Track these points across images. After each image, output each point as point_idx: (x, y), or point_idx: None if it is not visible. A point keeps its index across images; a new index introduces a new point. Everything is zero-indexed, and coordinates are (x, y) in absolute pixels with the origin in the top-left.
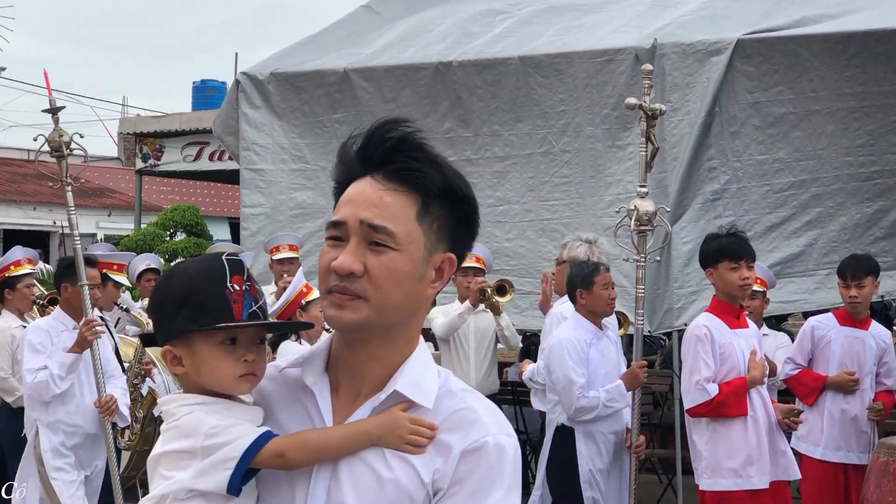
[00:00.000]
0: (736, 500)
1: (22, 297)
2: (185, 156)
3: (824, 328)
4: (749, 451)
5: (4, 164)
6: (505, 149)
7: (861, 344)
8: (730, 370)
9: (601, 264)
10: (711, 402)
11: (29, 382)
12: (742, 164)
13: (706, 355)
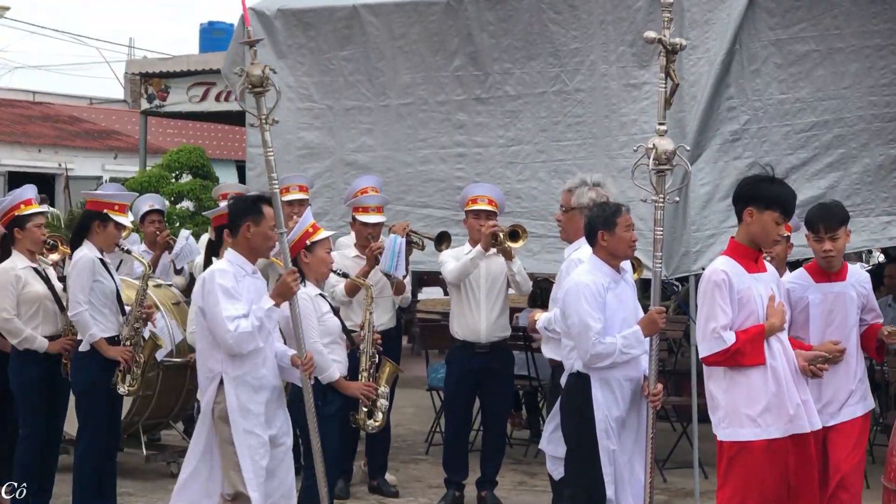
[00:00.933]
0: (755, 450)
1: (32, 237)
2: (191, 96)
3: (800, 288)
4: (768, 399)
5: (9, 105)
6: (517, 88)
7: (842, 299)
8: (748, 317)
9: (623, 205)
10: (728, 350)
11: (232, 331)
12: (762, 104)
13: (724, 302)
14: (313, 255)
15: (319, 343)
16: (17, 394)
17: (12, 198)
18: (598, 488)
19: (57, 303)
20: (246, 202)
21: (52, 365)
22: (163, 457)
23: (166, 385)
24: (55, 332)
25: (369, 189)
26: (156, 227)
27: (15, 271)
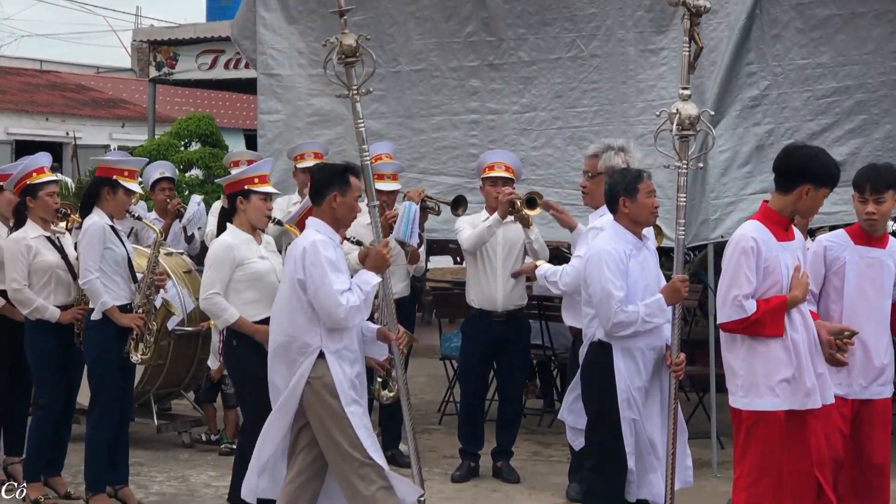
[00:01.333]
0: (774, 421)
1: (44, 206)
2: (200, 64)
3: (838, 248)
4: (787, 371)
5: (17, 74)
6: (531, 53)
7: (879, 265)
8: (772, 286)
9: (644, 171)
10: (747, 319)
11: (344, 305)
12: (783, 69)
13: (749, 270)
14: None
15: None
16: (32, 365)
17: (24, 166)
18: (619, 459)
19: (70, 272)
20: (334, 171)
21: (66, 335)
22: (174, 426)
23: (178, 354)
24: (68, 301)
25: (383, 156)
26: (166, 195)
27: (26, 241)
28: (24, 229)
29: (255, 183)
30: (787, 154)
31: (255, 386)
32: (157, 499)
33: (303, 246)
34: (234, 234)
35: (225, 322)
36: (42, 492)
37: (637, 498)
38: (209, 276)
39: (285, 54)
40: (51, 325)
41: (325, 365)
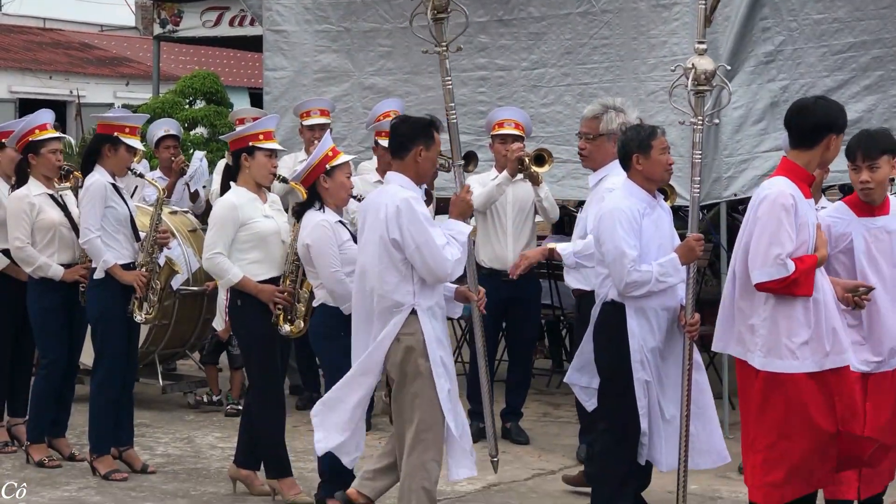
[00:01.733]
0: (793, 383)
1: (47, 163)
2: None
3: (842, 223)
4: (809, 332)
5: (20, 32)
6: (541, 8)
7: (885, 233)
8: (801, 245)
9: (658, 127)
10: (787, 279)
11: (450, 260)
12: (798, 24)
13: (790, 227)
14: (332, 180)
15: (341, 272)
16: (34, 324)
17: (26, 122)
18: (632, 420)
19: (74, 230)
20: (418, 125)
21: (70, 293)
22: (179, 387)
23: (183, 314)
24: (72, 259)
25: (391, 113)
26: (171, 153)
27: (29, 198)
28: (26, 187)
29: (260, 139)
30: (803, 109)
31: (261, 346)
32: (162, 460)
33: (395, 204)
34: (238, 194)
35: (228, 282)
36: (46, 453)
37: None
38: (212, 236)
39: (291, 10)
40: (54, 283)
41: (416, 322)
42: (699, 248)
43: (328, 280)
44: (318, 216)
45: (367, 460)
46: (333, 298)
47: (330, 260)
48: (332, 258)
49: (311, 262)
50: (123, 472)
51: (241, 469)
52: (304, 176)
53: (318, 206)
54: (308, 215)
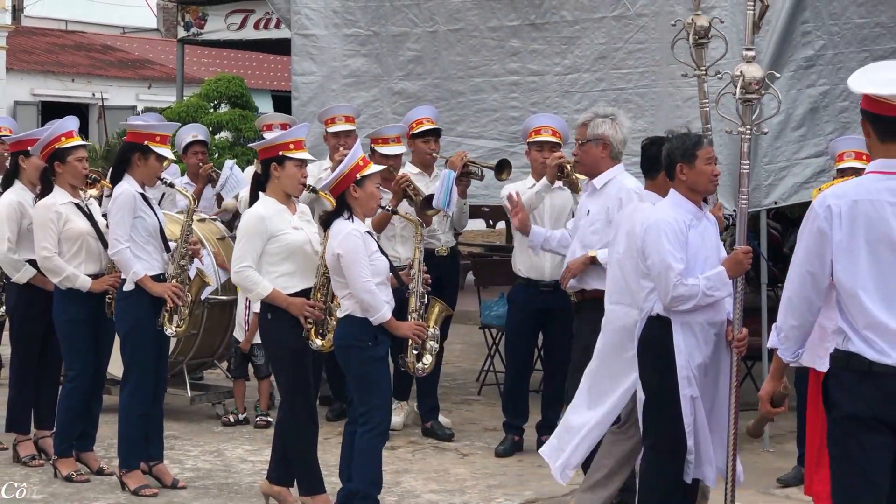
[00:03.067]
0: None
1: (73, 172)
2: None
3: None
4: None
5: (42, 34)
6: (574, 12)
7: None
8: None
9: (705, 136)
10: None
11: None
12: (839, 29)
13: None
14: (363, 190)
15: (371, 283)
16: (61, 336)
17: (52, 130)
18: (678, 438)
19: (100, 240)
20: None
21: (97, 304)
22: (207, 398)
23: (211, 324)
24: (99, 270)
25: (424, 120)
26: (199, 159)
27: (56, 207)
28: (52, 196)
29: (291, 149)
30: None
31: (292, 361)
32: (192, 475)
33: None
34: (267, 205)
35: (258, 296)
36: (74, 468)
37: (694, 477)
38: (240, 249)
39: (320, 13)
40: (81, 294)
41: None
42: (747, 262)
43: (359, 290)
44: (348, 226)
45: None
46: (362, 308)
47: (361, 270)
48: (364, 268)
49: (341, 272)
50: (153, 487)
51: (273, 485)
52: (333, 185)
53: (347, 215)
54: (337, 224)
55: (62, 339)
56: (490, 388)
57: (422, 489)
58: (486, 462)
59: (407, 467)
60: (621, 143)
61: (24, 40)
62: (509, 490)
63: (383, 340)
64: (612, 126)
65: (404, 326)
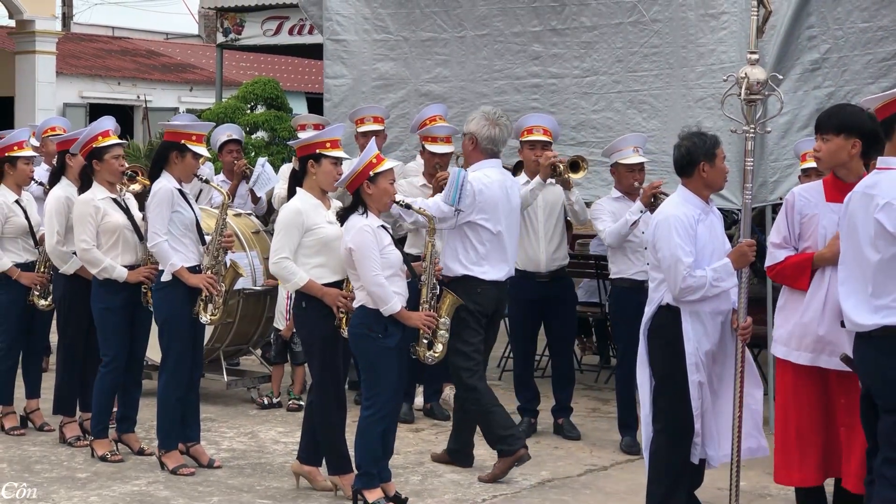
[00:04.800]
0: (790, 369)
1: (110, 169)
2: (266, 30)
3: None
4: (794, 326)
5: (90, 40)
6: (593, 18)
7: None
8: (808, 246)
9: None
10: (773, 267)
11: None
12: (844, 33)
13: (782, 222)
14: (376, 186)
15: (381, 276)
16: (97, 323)
17: (90, 129)
18: (686, 421)
19: (136, 232)
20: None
21: (133, 294)
22: (243, 383)
23: (246, 312)
24: (135, 261)
25: (437, 118)
26: (233, 157)
27: (94, 202)
28: (91, 191)
29: (327, 147)
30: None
31: (323, 347)
32: (227, 455)
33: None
34: (303, 199)
35: (295, 285)
36: (109, 448)
37: (700, 458)
38: (278, 241)
39: (351, 20)
40: (118, 284)
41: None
42: (751, 254)
43: (369, 283)
44: (361, 221)
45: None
46: (373, 300)
47: (371, 264)
48: (374, 262)
49: (353, 265)
50: (190, 467)
51: (304, 465)
52: (348, 181)
53: (362, 210)
54: (351, 219)
55: (98, 327)
56: (510, 373)
57: (444, 469)
58: None
59: (431, 448)
60: (488, 140)
61: (74, 46)
62: (526, 470)
63: (393, 331)
64: (478, 123)
65: (415, 317)
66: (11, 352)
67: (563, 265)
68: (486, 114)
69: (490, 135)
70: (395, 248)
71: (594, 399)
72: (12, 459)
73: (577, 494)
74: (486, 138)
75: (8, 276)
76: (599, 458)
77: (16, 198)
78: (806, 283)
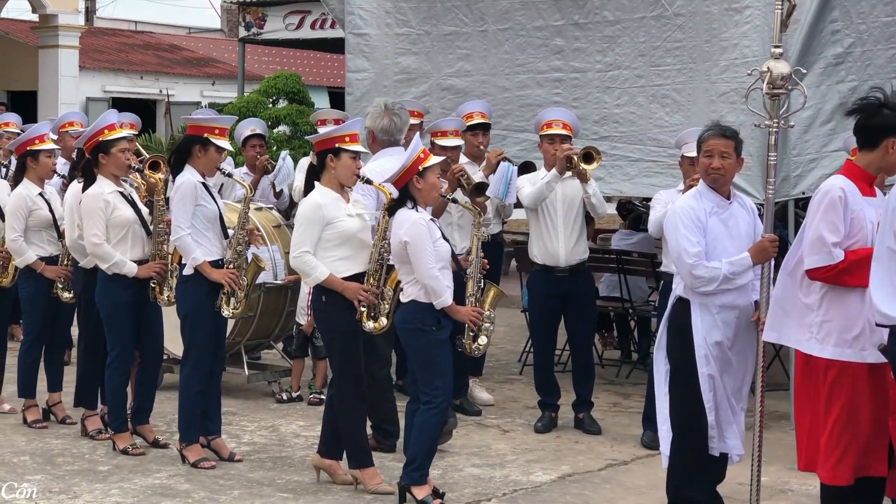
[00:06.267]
0: (857, 372)
1: (116, 162)
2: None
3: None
4: (862, 325)
5: (113, 34)
6: (615, 13)
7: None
8: (856, 241)
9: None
10: (835, 267)
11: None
12: (867, 27)
13: (837, 219)
14: (425, 181)
15: (436, 269)
16: (104, 318)
17: (95, 124)
18: (699, 413)
19: (144, 227)
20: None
21: (141, 289)
22: (264, 376)
23: (267, 306)
24: (142, 256)
25: (475, 114)
26: (256, 151)
27: (104, 196)
28: (97, 185)
29: (346, 141)
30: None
31: (344, 341)
32: (248, 448)
33: None
34: (323, 193)
35: (315, 280)
36: (129, 441)
37: (720, 452)
38: (299, 235)
39: (373, 14)
40: (126, 279)
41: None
42: (773, 249)
43: (424, 276)
44: (414, 215)
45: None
46: (427, 293)
47: (427, 257)
48: (430, 255)
49: (406, 259)
50: (211, 460)
51: (324, 459)
52: (397, 177)
53: (411, 205)
54: (402, 213)
55: (105, 322)
56: (531, 368)
57: (464, 463)
58: (526, 438)
59: (451, 442)
60: (382, 131)
61: (96, 40)
62: (547, 465)
63: (446, 324)
64: (371, 117)
65: (463, 311)
66: (36, 344)
67: (583, 259)
68: (379, 106)
69: (383, 126)
70: (445, 242)
71: (615, 394)
72: (35, 452)
73: (598, 489)
74: (381, 129)
75: (32, 270)
76: (620, 452)
77: (39, 191)
78: (867, 279)
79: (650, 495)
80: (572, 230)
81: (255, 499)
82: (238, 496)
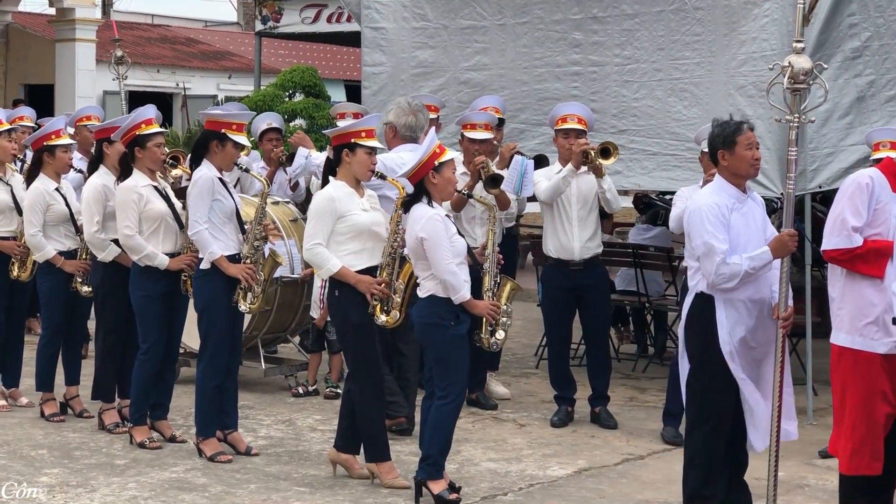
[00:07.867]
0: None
1: (152, 157)
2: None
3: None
4: (876, 315)
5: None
6: (634, 6)
7: None
8: (877, 232)
9: (745, 122)
10: (851, 251)
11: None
12: (885, 20)
13: (862, 205)
14: (441, 176)
15: (453, 264)
16: (136, 310)
17: (133, 117)
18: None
19: (176, 221)
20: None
21: (172, 282)
22: (281, 370)
23: (284, 300)
24: (174, 249)
25: (489, 109)
26: (273, 145)
27: (137, 189)
28: (132, 178)
29: (363, 137)
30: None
31: (358, 335)
32: (265, 442)
33: None
34: (337, 187)
35: (328, 272)
36: (147, 435)
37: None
38: (312, 228)
39: (389, 8)
40: (158, 272)
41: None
42: (792, 244)
43: (442, 271)
44: (430, 210)
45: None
46: (445, 288)
47: (444, 252)
48: (446, 250)
49: (423, 255)
50: (228, 454)
51: (340, 453)
52: (413, 171)
53: (427, 200)
54: (419, 209)
55: (137, 314)
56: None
57: (481, 457)
58: (542, 432)
59: (467, 437)
60: (405, 128)
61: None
62: (563, 459)
63: (464, 319)
64: (395, 113)
65: (481, 306)
66: (55, 338)
67: (598, 253)
68: (403, 104)
69: (408, 122)
70: (460, 237)
71: (631, 388)
72: (52, 446)
73: (614, 483)
74: (405, 126)
75: (51, 264)
76: (636, 447)
77: (56, 185)
78: (883, 270)
79: (667, 490)
80: (587, 224)
81: (271, 493)
82: (255, 490)
